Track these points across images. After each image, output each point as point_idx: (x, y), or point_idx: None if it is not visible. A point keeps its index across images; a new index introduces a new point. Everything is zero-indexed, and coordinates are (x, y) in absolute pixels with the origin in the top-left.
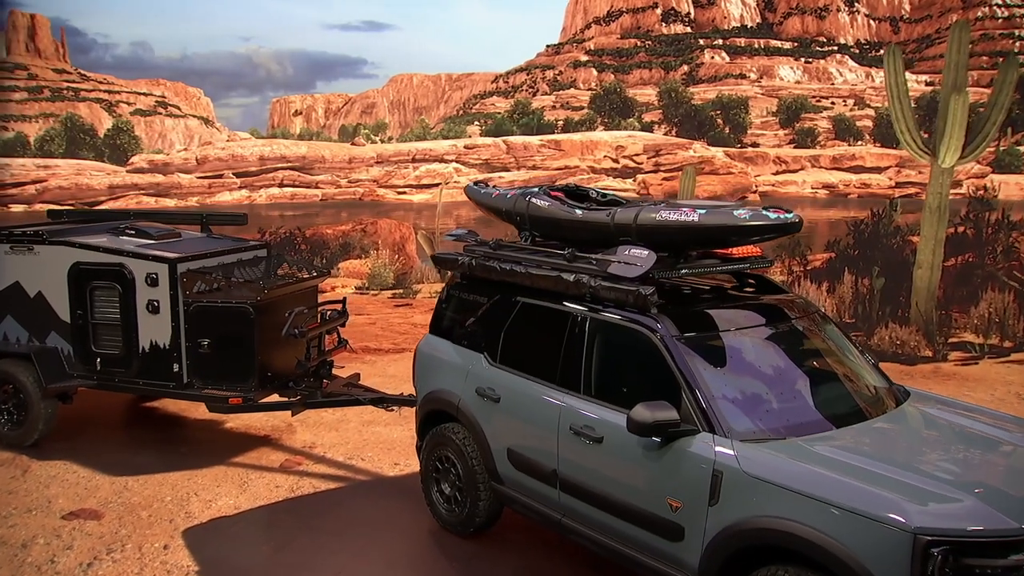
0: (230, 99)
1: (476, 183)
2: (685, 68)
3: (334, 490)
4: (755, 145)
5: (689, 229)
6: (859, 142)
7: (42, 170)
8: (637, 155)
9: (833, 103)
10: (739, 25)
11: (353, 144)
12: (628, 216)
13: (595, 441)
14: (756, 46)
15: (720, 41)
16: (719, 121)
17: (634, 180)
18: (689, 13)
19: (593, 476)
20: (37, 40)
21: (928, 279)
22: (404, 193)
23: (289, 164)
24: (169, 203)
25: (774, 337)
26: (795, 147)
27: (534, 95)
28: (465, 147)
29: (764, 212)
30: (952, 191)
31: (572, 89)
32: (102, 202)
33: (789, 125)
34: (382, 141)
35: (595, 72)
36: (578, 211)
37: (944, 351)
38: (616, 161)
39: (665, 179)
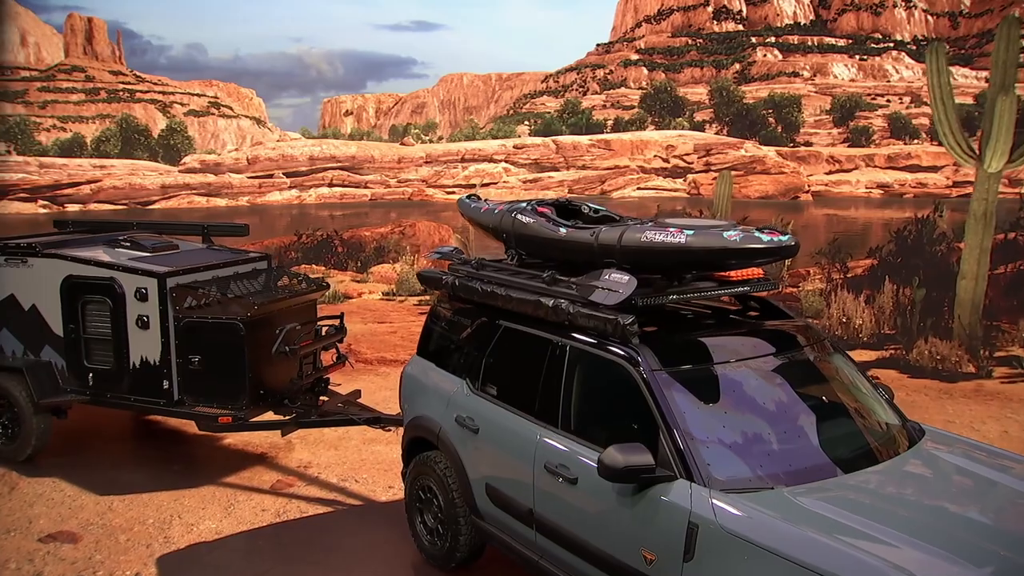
0: (282, 99)
1: (468, 196)
2: (737, 66)
3: (321, 515)
4: (808, 144)
5: (675, 251)
6: (915, 141)
7: (98, 170)
8: (687, 155)
9: (889, 101)
10: (792, 22)
11: (402, 144)
12: (612, 236)
13: (570, 481)
14: (809, 43)
15: (772, 39)
16: (771, 120)
17: (684, 180)
18: (741, 11)
19: (568, 519)
20: (94, 43)
21: (972, 290)
22: (453, 193)
23: (339, 164)
24: (220, 203)
25: (775, 368)
26: (849, 146)
27: (584, 94)
28: (514, 147)
29: (757, 234)
30: (1004, 193)
31: (622, 88)
32: (154, 202)
33: (843, 124)
34: (432, 141)
35: (646, 71)
36: (562, 229)
37: (988, 367)
38: (666, 161)
39: (716, 179)
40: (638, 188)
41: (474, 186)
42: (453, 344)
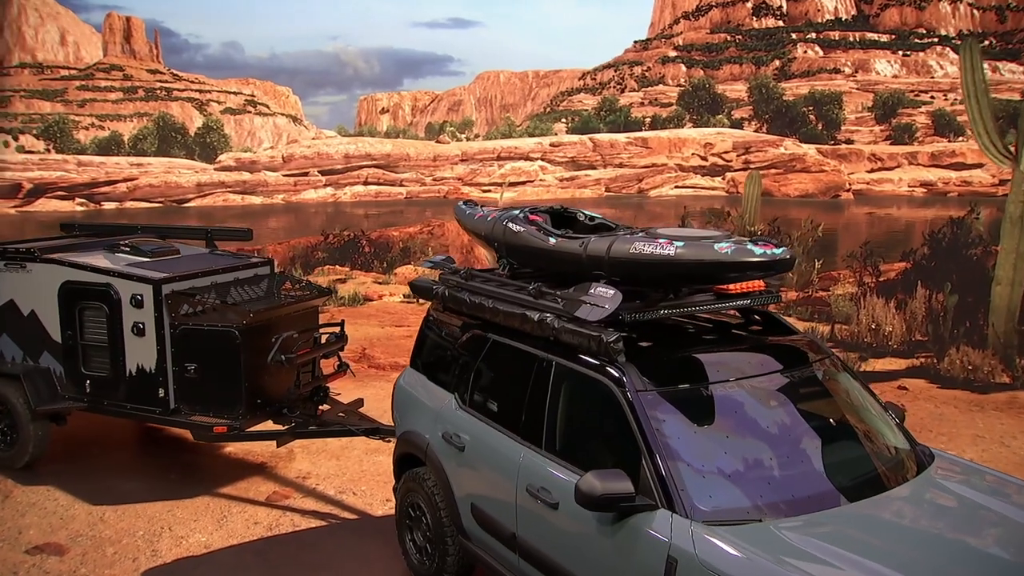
0: (318, 97)
1: (465, 203)
2: (777, 63)
3: (313, 529)
4: (849, 142)
5: (664, 264)
6: (960, 138)
7: (135, 168)
8: (726, 152)
9: (933, 97)
10: (833, 18)
11: (438, 142)
12: (601, 247)
13: (551, 506)
14: (851, 39)
15: (813, 35)
16: (811, 117)
17: (723, 178)
18: (781, 6)
19: (550, 545)
20: (132, 42)
21: (1008, 296)
22: (489, 191)
23: (374, 162)
24: (255, 201)
25: (776, 388)
26: (891, 143)
27: (622, 92)
28: (551, 145)
29: (749, 247)
30: None
31: (660, 85)
32: (190, 200)
33: (885, 121)
34: (468, 139)
35: (684, 68)
36: (552, 239)
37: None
38: (704, 159)
39: (745, 179)
40: (676, 186)
41: (501, 185)
42: (444, 356)
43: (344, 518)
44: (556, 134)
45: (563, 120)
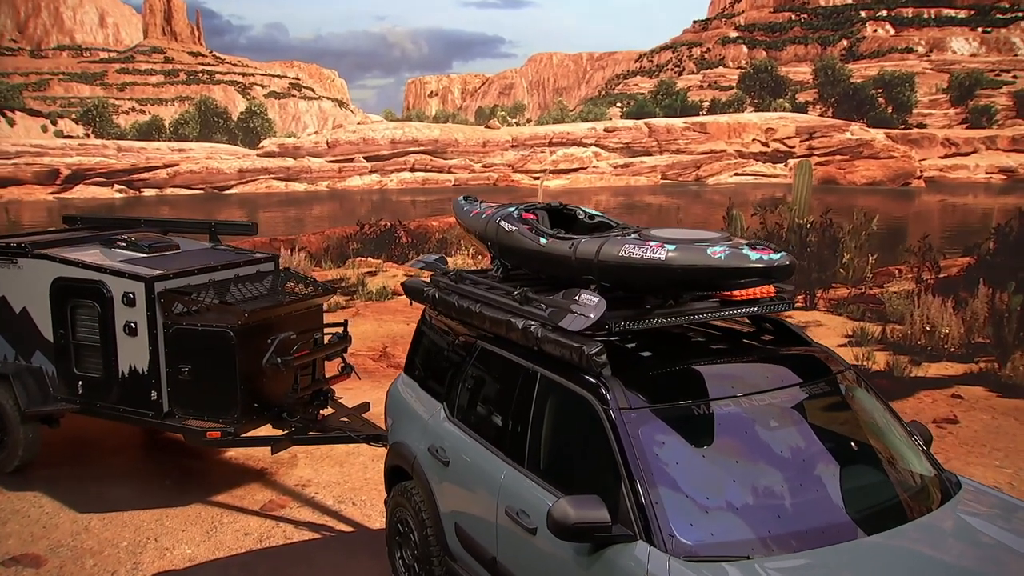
0: (365, 80)
1: (464, 198)
2: (844, 43)
3: (305, 542)
4: (921, 126)
5: (654, 269)
6: None
7: (176, 154)
8: (789, 138)
9: (1015, 77)
10: None
11: (487, 127)
12: (590, 249)
13: (530, 531)
14: (925, 16)
15: (884, 12)
16: (881, 100)
17: (785, 165)
18: None
19: (528, 574)
20: (173, 23)
21: None
22: (539, 179)
23: (421, 148)
24: (299, 188)
25: (783, 405)
26: (968, 127)
27: (679, 74)
28: (605, 130)
29: (744, 252)
30: None
31: (720, 68)
32: (232, 186)
33: (961, 103)
34: (518, 124)
35: (745, 49)
36: (543, 239)
37: None
38: (766, 145)
39: (819, 164)
40: (735, 174)
41: (542, 173)
42: (436, 362)
43: (339, 531)
44: (610, 119)
45: (618, 104)
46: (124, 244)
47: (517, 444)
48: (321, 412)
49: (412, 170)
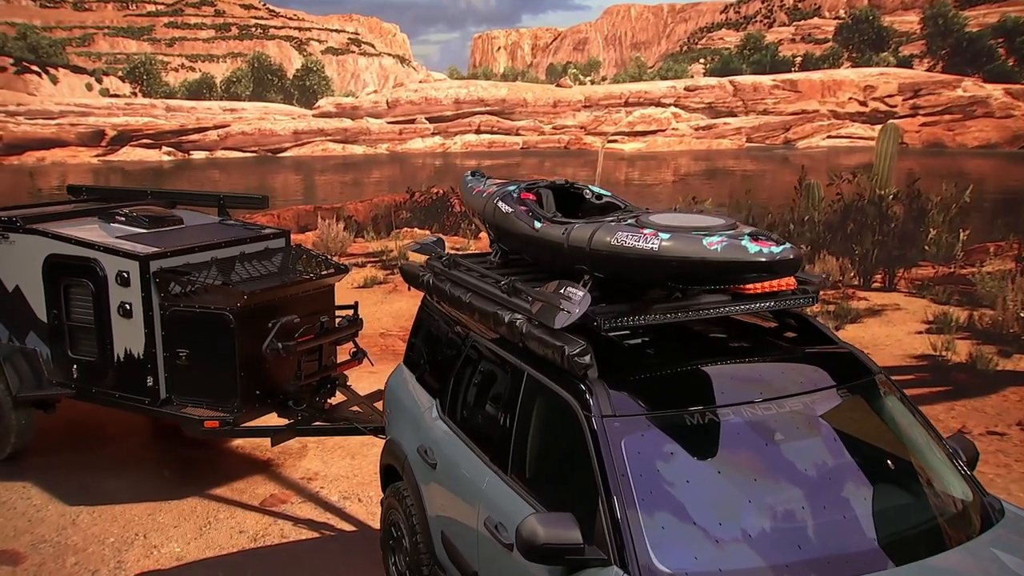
0: (428, 35)
1: (472, 173)
2: None
3: (301, 542)
4: None
5: (645, 260)
6: None
7: (227, 114)
8: (890, 96)
9: None
10: None
11: (558, 85)
12: (583, 236)
13: (507, 547)
14: None
15: None
16: (1001, 51)
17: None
18: None
19: None
20: None
21: None
22: (614, 141)
23: (487, 108)
24: (357, 150)
25: (799, 414)
26: None
27: (769, 27)
28: (686, 89)
29: (744, 243)
30: None
31: (815, 18)
32: (285, 149)
33: None
34: (593, 82)
35: None
36: (537, 223)
37: None
38: (864, 104)
39: (924, 125)
40: (828, 136)
41: (603, 136)
42: (431, 354)
43: (340, 529)
44: (692, 76)
45: (701, 60)
46: (123, 219)
47: (501, 449)
48: (329, 401)
49: (477, 132)
